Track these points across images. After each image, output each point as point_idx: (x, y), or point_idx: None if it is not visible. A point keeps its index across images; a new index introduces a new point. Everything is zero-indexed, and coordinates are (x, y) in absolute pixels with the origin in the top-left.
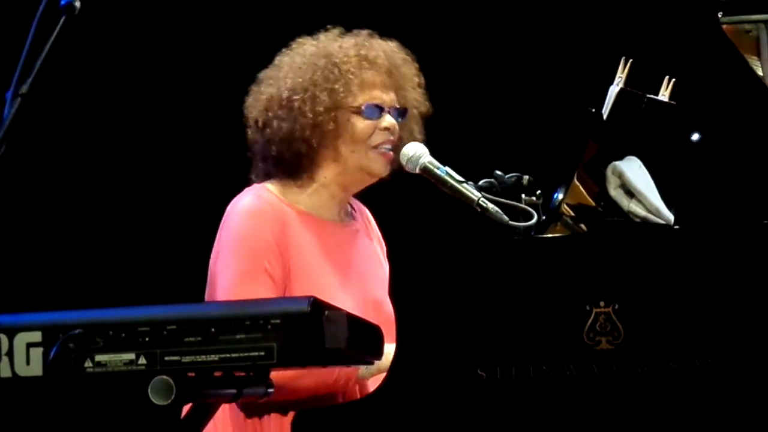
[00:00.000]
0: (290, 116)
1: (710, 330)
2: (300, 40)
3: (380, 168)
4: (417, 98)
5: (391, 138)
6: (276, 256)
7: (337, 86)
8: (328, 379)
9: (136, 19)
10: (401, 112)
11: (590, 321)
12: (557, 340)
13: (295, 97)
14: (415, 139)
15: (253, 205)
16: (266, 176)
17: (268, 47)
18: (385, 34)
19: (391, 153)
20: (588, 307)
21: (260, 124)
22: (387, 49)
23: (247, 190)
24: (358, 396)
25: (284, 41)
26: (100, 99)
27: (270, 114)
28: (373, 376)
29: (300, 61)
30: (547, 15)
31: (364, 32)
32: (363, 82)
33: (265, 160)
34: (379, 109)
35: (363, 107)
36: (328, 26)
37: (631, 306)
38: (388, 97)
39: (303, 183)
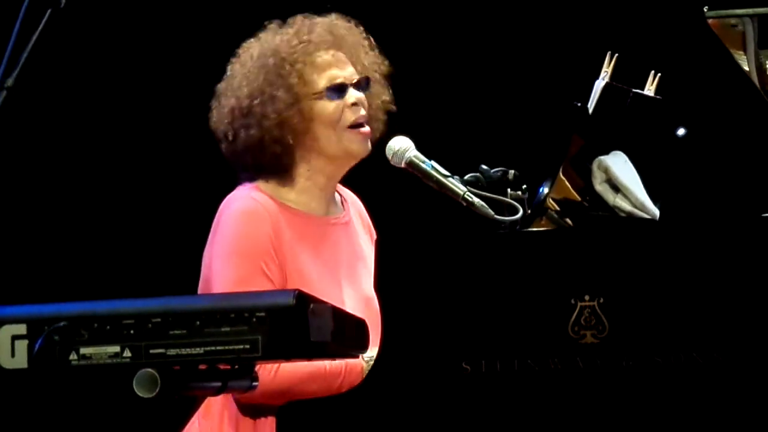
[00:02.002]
0: (255, 122)
1: (695, 324)
2: (244, 44)
3: (360, 147)
4: (373, 61)
5: (362, 113)
6: (272, 258)
7: (291, 80)
8: (333, 383)
9: (122, 9)
10: (364, 83)
11: (575, 315)
12: (542, 334)
13: (255, 103)
14: (384, 103)
15: (247, 206)
16: (253, 179)
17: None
18: (369, 29)
19: (368, 129)
20: (573, 301)
21: (230, 137)
22: (328, 25)
23: (239, 189)
24: None
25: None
26: (85, 91)
27: (235, 125)
28: None
29: (249, 66)
30: (532, 9)
31: (300, 17)
32: (316, 65)
33: (246, 168)
34: (341, 87)
35: (324, 90)
36: (265, 22)
37: (616, 300)
38: (346, 73)
39: (290, 181)
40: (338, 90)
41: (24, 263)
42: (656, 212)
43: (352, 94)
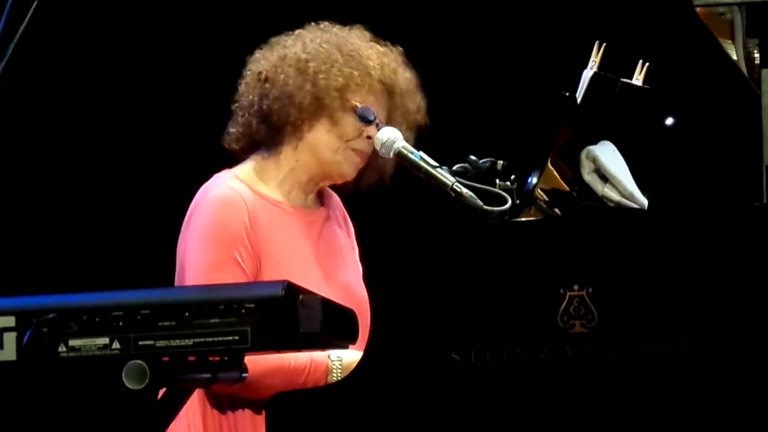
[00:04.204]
0: (299, 78)
1: (684, 313)
2: (329, 23)
3: (349, 170)
4: (413, 114)
5: (368, 150)
6: (246, 246)
7: (356, 73)
8: (297, 380)
9: (108, 1)
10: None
11: (564, 304)
12: (531, 324)
13: (313, 64)
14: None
15: (223, 194)
16: (236, 146)
17: (242, 43)
18: (357, 19)
19: (362, 160)
20: (562, 291)
21: (263, 76)
22: (395, 66)
23: (216, 177)
24: None
25: (261, 38)
26: (71, 82)
27: (279, 69)
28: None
29: (326, 38)
30: None
31: (394, 49)
32: (370, 87)
33: (245, 124)
34: (372, 116)
35: (360, 105)
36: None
37: (605, 289)
38: (380, 115)
39: (272, 168)
40: (369, 114)
41: (12, 255)
42: (645, 202)
43: (373, 131)
